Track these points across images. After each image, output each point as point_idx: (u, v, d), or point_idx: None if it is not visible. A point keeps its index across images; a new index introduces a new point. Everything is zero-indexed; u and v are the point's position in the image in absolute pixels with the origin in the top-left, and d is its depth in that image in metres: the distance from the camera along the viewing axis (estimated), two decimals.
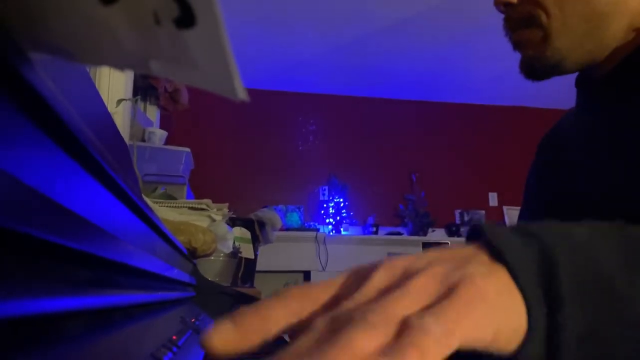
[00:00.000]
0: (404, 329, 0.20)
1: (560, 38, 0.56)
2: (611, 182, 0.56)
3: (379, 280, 0.24)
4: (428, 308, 0.21)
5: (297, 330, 0.23)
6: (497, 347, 0.23)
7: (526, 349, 0.24)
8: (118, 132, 0.54)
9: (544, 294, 0.24)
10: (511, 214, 3.80)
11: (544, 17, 0.56)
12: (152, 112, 2.42)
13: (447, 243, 3.13)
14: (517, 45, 0.61)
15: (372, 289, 0.23)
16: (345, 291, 0.24)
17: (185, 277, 0.73)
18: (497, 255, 0.25)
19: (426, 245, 3.15)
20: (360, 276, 0.25)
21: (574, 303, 0.24)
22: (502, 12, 0.60)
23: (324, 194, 3.68)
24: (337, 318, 0.21)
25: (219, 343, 0.21)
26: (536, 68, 0.59)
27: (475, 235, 0.27)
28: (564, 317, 0.24)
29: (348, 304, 0.22)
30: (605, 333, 0.24)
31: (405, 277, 0.23)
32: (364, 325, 0.20)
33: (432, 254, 0.26)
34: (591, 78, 0.62)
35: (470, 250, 0.26)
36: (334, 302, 0.24)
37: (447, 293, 0.22)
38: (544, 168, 0.72)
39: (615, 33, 0.55)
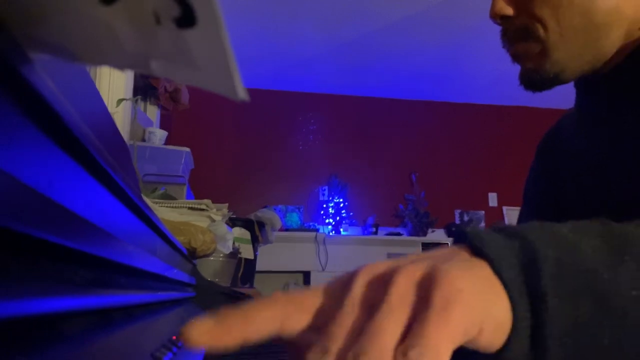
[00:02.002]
0: None
1: (558, 51, 0.55)
2: (611, 183, 0.56)
3: (359, 289, 0.24)
4: (409, 336, 0.21)
5: (278, 335, 0.23)
6: (483, 342, 0.23)
7: (512, 343, 0.24)
8: (118, 132, 0.54)
9: (526, 289, 0.24)
10: (511, 214, 3.80)
11: (541, 31, 0.55)
12: (152, 112, 2.42)
13: (447, 243, 3.13)
14: (515, 58, 0.60)
15: (355, 302, 0.23)
16: (330, 300, 0.24)
17: (185, 278, 0.73)
18: (479, 252, 0.25)
19: (426, 246, 3.15)
20: (342, 283, 0.25)
21: (556, 297, 0.24)
22: (498, 24, 0.60)
23: (323, 194, 3.68)
24: (322, 336, 0.22)
25: (196, 335, 0.21)
26: (535, 80, 0.58)
27: (459, 238, 0.27)
28: (547, 311, 0.24)
29: (333, 328, 0.22)
30: (589, 326, 0.24)
31: (384, 282, 0.24)
32: None
33: (412, 256, 0.26)
34: (589, 80, 0.62)
35: (451, 249, 0.26)
36: (319, 310, 0.24)
37: (425, 298, 0.22)
38: (544, 170, 0.72)
39: (614, 42, 0.55)
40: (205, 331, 0.22)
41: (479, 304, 0.23)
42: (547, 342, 0.24)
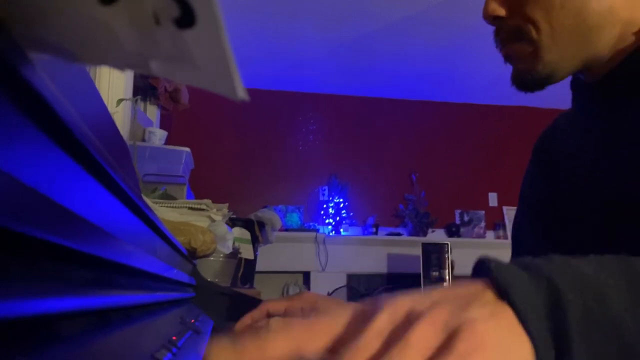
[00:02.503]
0: None
1: (550, 52, 0.55)
2: (605, 185, 0.56)
3: (382, 323, 0.24)
4: None
5: None
6: None
7: None
8: (118, 132, 0.54)
9: (551, 336, 0.24)
10: (511, 214, 3.80)
11: (533, 32, 0.55)
12: (152, 112, 2.42)
13: (447, 243, 3.13)
14: (507, 59, 0.60)
15: (375, 334, 0.23)
16: (349, 331, 0.24)
17: (185, 278, 0.73)
18: (503, 294, 0.25)
19: (426, 246, 3.15)
20: (364, 316, 0.24)
21: (582, 345, 0.23)
22: (491, 25, 0.60)
23: (323, 194, 3.68)
24: None
25: None
26: (527, 81, 0.58)
27: (481, 270, 0.27)
28: (573, 359, 0.23)
29: (350, 348, 0.22)
30: None
31: (408, 322, 0.23)
32: None
33: (437, 294, 0.25)
34: (585, 84, 0.62)
35: (475, 288, 0.26)
36: (337, 341, 0.24)
37: (447, 343, 0.22)
38: (540, 170, 0.72)
39: (607, 44, 0.55)
40: (224, 358, 0.22)
41: (501, 356, 0.22)
42: None
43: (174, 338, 0.37)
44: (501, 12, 0.57)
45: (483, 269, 0.27)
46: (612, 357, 0.24)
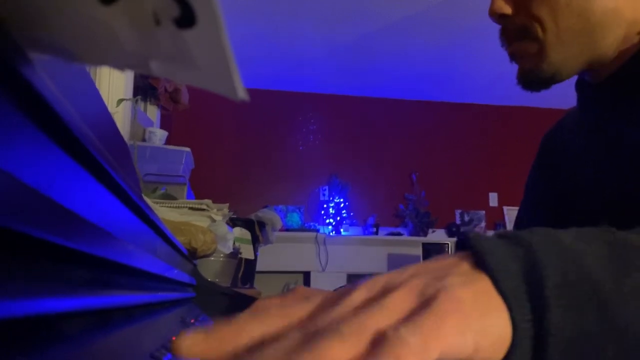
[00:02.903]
0: (379, 340, 0.20)
1: (556, 51, 0.55)
2: (607, 186, 0.56)
3: (357, 296, 0.23)
4: (403, 321, 0.21)
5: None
6: (482, 357, 0.23)
7: (512, 356, 0.23)
8: (118, 132, 0.54)
9: (528, 298, 0.24)
10: (511, 214, 3.80)
11: (539, 30, 0.55)
12: (152, 112, 2.42)
13: (447, 243, 3.13)
14: (513, 58, 0.60)
15: (349, 305, 0.23)
16: (324, 308, 0.24)
17: (185, 278, 0.73)
18: (480, 261, 0.25)
19: (426, 246, 3.15)
20: (340, 294, 0.24)
21: (559, 307, 0.23)
22: (497, 22, 0.60)
23: (324, 194, 3.67)
24: (309, 330, 0.21)
25: (186, 347, 0.21)
26: (532, 80, 0.58)
27: (463, 245, 0.27)
28: (550, 322, 0.23)
29: (323, 318, 0.22)
30: (592, 338, 0.24)
31: (384, 293, 0.23)
32: (337, 336, 0.20)
33: (414, 267, 0.25)
34: (589, 84, 0.62)
35: (453, 259, 0.26)
36: (311, 318, 0.23)
37: (423, 305, 0.22)
38: (544, 169, 0.72)
39: (612, 43, 0.55)
40: (197, 342, 0.21)
41: (478, 318, 0.22)
42: (549, 354, 0.23)
43: (174, 338, 0.37)
44: (507, 10, 0.57)
45: (465, 244, 0.27)
46: (590, 319, 0.24)
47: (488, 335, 0.23)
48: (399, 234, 3.60)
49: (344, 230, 3.57)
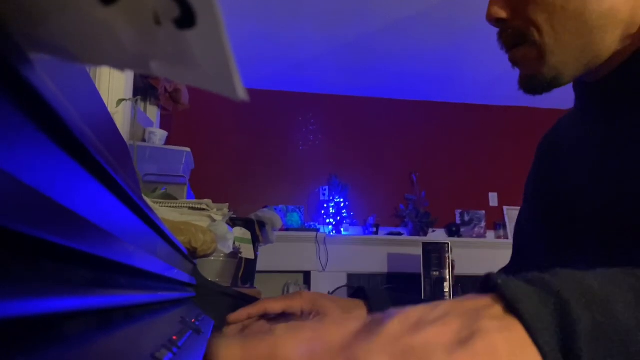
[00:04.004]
0: None
1: (555, 55, 0.55)
2: (605, 187, 0.56)
3: (393, 328, 0.24)
4: (440, 356, 0.21)
5: None
6: None
7: None
8: (118, 132, 0.54)
9: (560, 350, 0.24)
10: (511, 214, 3.80)
11: (536, 34, 0.55)
12: (152, 112, 2.42)
13: (447, 243, 3.13)
14: (513, 64, 0.61)
15: (387, 337, 0.23)
16: (360, 336, 0.24)
17: (185, 277, 0.73)
18: (512, 308, 0.25)
19: (426, 246, 3.15)
20: (374, 323, 0.25)
21: (591, 357, 0.24)
22: (495, 27, 0.60)
23: (324, 194, 3.68)
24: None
25: (223, 356, 0.21)
26: (534, 85, 0.58)
27: (487, 285, 0.27)
28: None
29: (361, 347, 0.22)
30: None
31: (419, 328, 0.23)
32: None
33: (445, 306, 0.26)
34: (586, 84, 0.62)
35: (485, 301, 0.26)
36: (348, 347, 0.24)
37: (460, 344, 0.22)
38: (542, 171, 0.72)
39: (610, 45, 0.55)
40: (234, 352, 0.22)
41: None
42: None
43: (174, 338, 0.37)
44: (503, 14, 0.57)
45: (490, 284, 0.27)
46: None
47: None
48: (399, 234, 3.60)
49: (344, 230, 3.57)
